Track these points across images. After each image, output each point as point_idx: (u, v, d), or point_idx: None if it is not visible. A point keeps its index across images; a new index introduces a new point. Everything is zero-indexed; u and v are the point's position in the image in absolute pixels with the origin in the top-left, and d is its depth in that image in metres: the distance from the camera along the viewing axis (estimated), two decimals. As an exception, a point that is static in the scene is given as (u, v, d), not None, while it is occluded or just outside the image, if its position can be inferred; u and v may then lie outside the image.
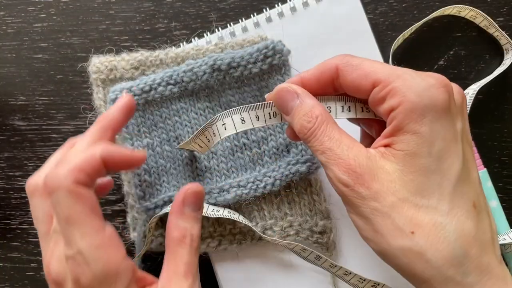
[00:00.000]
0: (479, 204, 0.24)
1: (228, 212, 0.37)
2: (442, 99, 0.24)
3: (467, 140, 0.26)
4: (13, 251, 0.42)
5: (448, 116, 0.24)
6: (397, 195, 0.24)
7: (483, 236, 0.23)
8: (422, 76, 0.25)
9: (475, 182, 0.25)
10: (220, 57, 0.36)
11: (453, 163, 0.24)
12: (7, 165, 0.42)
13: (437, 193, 0.23)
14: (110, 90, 0.37)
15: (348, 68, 0.27)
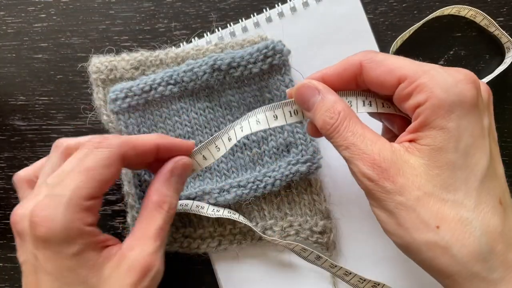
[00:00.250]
0: (505, 200, 0.24)
1: (228, 212, 0.37)
2: (470, 95, 0.24)
3: (493, 137, 0.26)
4: (13, 251, 0.42)
5: (475, 112, 0.24)
6: (422, 189, 0.24)
7: (509, 232, 0.23)
8: (450, 72, 0.25)
9: (501, 179, 0.25)
10: (220, 57, 0.36)
11: (480, 158, 0.24)
12: (7, 165, 0.42)
13: (464, 188, 0.23)
14: (110, 90, 0.37)
15: (372, 65, 0.27)
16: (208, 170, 0.38)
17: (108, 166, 0.28)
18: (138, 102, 0.37)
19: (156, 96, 0.37)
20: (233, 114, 0.38)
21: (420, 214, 0.23)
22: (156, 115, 0.38)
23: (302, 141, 0.37)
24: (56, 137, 0.42)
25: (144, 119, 0.38)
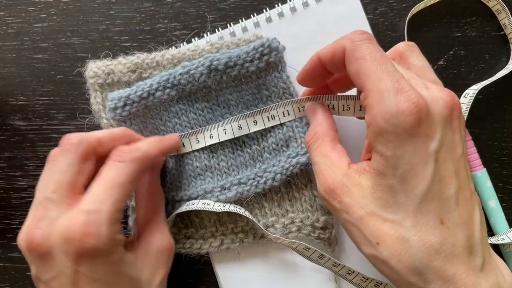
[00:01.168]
0: (450, 219, 0.25)
1: (234, 207, 0.37)
2: (408, 127, 0.25)
3: (452, 155, 0.26)
4: (13, 251, 0.42)
5: (414, 141, 0.25)
6: (365, 209, 0.26)
7: (451, 249, 0.25)
8: (399, 99, 0.25)
9: (447, 200, 0.25)
10: (216, 57, 0.36)
11: (417, 184, 0.25)
12: (7, 165, 0.42)
13: (401, 210, 0.25)
14: (108, 99, 0.37)
15: (350, 58, 0.28)
16: (209, 169, 0.38)
17: (134, 181, 0.31)
18: (138, 109, 0.37)
19: (155, 101, 0.37)
20: (231, 112, 0.38)
21: (363, 231, 0.26)
22: (157, 118, 0.38)
23: (301, 135, 0.37)
24: (57, 137, 0.42)
25: (146, 124, 0.38)
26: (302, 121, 0.37)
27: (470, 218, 0.26)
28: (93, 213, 0.28)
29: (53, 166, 0.31)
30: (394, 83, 0.26)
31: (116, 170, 0.30)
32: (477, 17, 0.41)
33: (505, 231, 0.39)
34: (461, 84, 0.41)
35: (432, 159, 0.25)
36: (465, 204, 0.26)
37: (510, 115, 0.41)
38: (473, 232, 0.26)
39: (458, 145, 0.26)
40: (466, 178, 0.27)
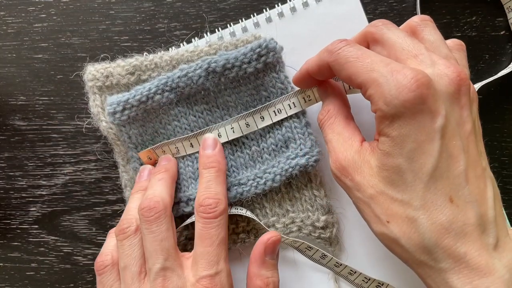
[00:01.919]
0: (459, 197, 0.25)
1: (235, 209, 0.37)
2: (410, 105, 0.25)
3: (460, 132, 0.26)
4: (13, 251, 0.42)
5: (419, 118, 0.25)
6: (375, 188, 0.27)
7: (462, 227, 0.24)
8: (398, 76, 0.25)
9: (455, 177, 0.25)
10: (214, 59, 0.36)
11: (425, 162, 0.25)
12: (7, 165, 0.42)
13: (410, 189, 0.25)
14: (107, 103, 0.37)
15: (336, 68, 0.29)
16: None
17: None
18: (137, 113, 0.37)
19: (154, 104, 0.37)
20: (230, 114, 0.38)
21: (374, 209, 0.27)
22: (156, 122, 0.38)
23: (301, 135, 0.37)
24: (56, 137, 0.42)
25: (145, 127, 0.38)
26: (301, 122, 0.37)
27: (482, 196, 0.25)
28: (216, 276, 0.31)
29: (153, 237, 0.31)
30: (385, 68, 0.26)
31: (217, 226, 0.32)
32: (477, 17, 0.41)
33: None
34: (461, 84, 0.41)
35: (438, 135, 0.25)
36: (476, 182, 0.25)
37: (510, 115, 0.41)
38: (486, 210, 0.25)
39: (467, 122, 0.26)
40: (476, 155, 0.26)
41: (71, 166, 0.42)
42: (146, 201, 0.32)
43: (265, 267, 0.32)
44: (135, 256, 0.32)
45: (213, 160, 0.35)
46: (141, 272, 0.32)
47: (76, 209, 0.42)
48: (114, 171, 0.42)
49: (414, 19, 0.30)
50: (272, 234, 0.33)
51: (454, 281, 0.24)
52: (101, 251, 0.34)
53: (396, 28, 0.29)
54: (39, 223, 0.42)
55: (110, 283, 0.33)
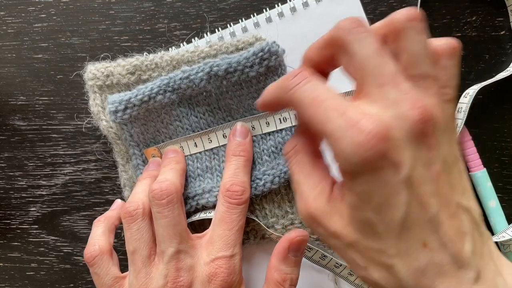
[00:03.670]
0: (433, 240, 0.24)
1: None
2: (367, 164, 0.23)
3: (429, 175, 0.24)
4: (13, 251, 0.43)
5: (381, 173, 0.23)
6: (350, 237, 0.25)
7: (438, 268, 0.24)
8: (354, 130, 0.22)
9: (427, 222, 0.24)
10: (216, 63, 0.36)
11: (394, 214, 0.24)
12: (7, 165, 0.42)
13: (383, 239, 0.24)
14: (108, 102, 0.37)
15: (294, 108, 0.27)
16: (209, 170, 0.38)
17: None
18: (139, 112, 0.37)
19: (156, 104, 0.37)
20: (233, 116, 0.38)
21: (351, 256, 0.26)
22: (158, 121, 0.38)
23: None
24: (56, 137, 0.42)
25: (147, 126, 0.38)
26: None
27: (457, 234, 0.25)
28: (232, 258, 0.32)
29: (167, 221, 0.32)
30: (340, 119, 0.23)
31: (239, 213, 0.33)
32: (477, 17, 0.41)
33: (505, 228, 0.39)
34: (461, 84, 0.41)
35: (404, 187, 0.23)
36: (450, 221, 0.24)
37: (510, 115, 0.41)
38: (462, 246, 0.24)
39: (436, 162, 0.24)
40: (449, 193, 0.25)
41: (71, 166, 0.42)
42: (157, 183, 0.32)
43: (286, 263, 0.32)
44: (144, 240, 0.32)
45: (244, 149, 0.36)
46: (151, 255, 0.32)
47: (76, 209, 0.42)
48: (114, 171, 0.42)
49: (399, 17, 0.25)
50: (300, 233, 0.33)
51: None
52: (88, 242, 0.34)
53: (367, 37, 0.24)
54: (39, 223, 0.42)
55: (105, 271, 0.33)
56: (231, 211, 0.33)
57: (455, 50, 0.27)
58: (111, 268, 0.33)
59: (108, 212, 0.37)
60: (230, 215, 0.33)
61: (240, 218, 0.33)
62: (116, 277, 0.33)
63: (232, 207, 0.33)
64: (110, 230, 0.35)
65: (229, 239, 0.32)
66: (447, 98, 0.26)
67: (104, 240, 0.34)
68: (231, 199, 0.33)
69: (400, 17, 0.25)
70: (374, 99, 0.24)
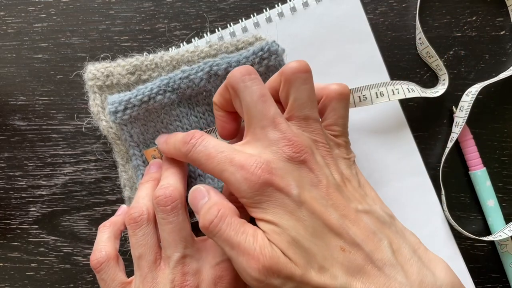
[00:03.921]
0: (347, 244, 0.26)
1: None
2: (261, 191, 0.26)
3: (319, 191, 0.27)
4: (13, 251, 0.42)
5: (275, 198, 0.26)
6: (300, 270, 0.26)
7: (361, 269, 0.26)
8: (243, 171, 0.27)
9: (334, 230, 0.26)
10: (216, 62, 0.36)
11: (304, 228, 0.26)
12: (7, 165, 0.42)
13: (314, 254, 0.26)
14: (108, 102, 0.37)
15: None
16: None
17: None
18: (138, 112, 0.37)
19: (155, 104, 0.37)
20: None
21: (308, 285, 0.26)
22: (158, 121, 0.38)
23: None
24: (56, 137, 0.42)
25: (147, 126, 0.38)
26: None
27: (366, 235, 0.27)
28: None
29: (172, 227, 0.32)
30: (231, 166, 0.27)
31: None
32: (477, 17, 0.41)
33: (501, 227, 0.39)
34: (461, 84, 0.41)
35: (299, 204, 0.26)
36: (354, 225, 0.27)
37: (510, 115, 0.41)
38: (375, 245, 0.27)
39: (321, 180, 0.27)
40: (344, 203, 0.27)
41: (71, 166, 0.42)
42: (161, 189, 0.32)
43: None
44: (150, 246, 0.32)
45: None
46: (156, 260, 0.32)
47: (76, 209, 0.42)
48: (114, 171, 0.42)
49: (288, 69, 0.29)
50: None
51: None
52: (94, 248, 0.34)
53: (253, 85, 0.28)
54: (39, 223, 0.42)
55: (111, 277, 0.33)
56: None
57: (343, 96, 0.32)
58: (117, 274, 0.33)
59: (113, 218, 0.37)
60: None
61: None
62: (123, 283, 0.33)
63: None
64: (116, 236, 0.35)
65: None
66: (336, 134, 0.31)
67: (110, 246, 0.34)
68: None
69: (289, 70, 0.29)
70: (258, 138, 0.28)
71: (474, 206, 0.41)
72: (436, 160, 0.41)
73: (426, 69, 0.41)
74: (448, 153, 0.40)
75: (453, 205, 0.41)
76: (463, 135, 0.40)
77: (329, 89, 0.32)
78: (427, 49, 0.39)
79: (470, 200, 0.41)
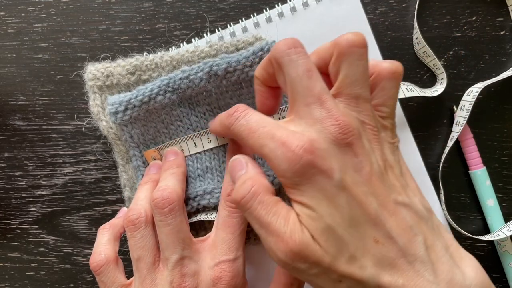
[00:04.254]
0: (381, 236, 0.26)
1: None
2: (301, 175, 0.25)
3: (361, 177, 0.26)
4: (13, 251, 0.43)
5: (316, 180, 0.25)
6: (328, 258, 0.26)
7: (391, 262, 0.25)
8: (284, 148, 0.26)
9: (371, 220, 0.26)
10: (216, 62, 0.36)
11: (341, 215, 0.25)
12: (7, 165, 0.42)
13: (347, 242, 0.26)
14: (108, 103, 0.37)
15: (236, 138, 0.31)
16: (209, 170, 0.38)
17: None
18: (139, 113, 0.37)
19: (156, 105, 0.37)
20: None
21: (330, 276, 0.26)
22: (158, 122, 0.38)
23: None
24: (56, 137, 0.42)
25: (147, 127, 0.38)
26: None
27: (402, 229, 0.26)
28: (235, 262, 0.32)
29: (170, 229, 0.32)
30: (273, 142, 0.26)
31: (241, 216, 0.33)
32: (477, 17, 0.41)
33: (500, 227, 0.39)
34: (461, 84, 0.41)
35: (340, 189, 0.25)
36: (392, 217, 0.26)
37: (510, 115, 0.41)
38: (409, 239, 0.26)
39: (365, 166, 0.26)
40: (385, 192, 0.26)
41: (71, 166, 0.42)
42: (159, 192, 0.32)
43: None
44: (148, 248, 0.33)
45: None
46: (155, 261, 0.33)
47: (76, 209, 0.42)
48: (114, 171, 0.42)
49: (342, 42, 0.27)
50: None
51: None
52: (94, 250, 0.34)
53: (299, 59, 0.27)
54: (39, 223, 0.42)
55: (111, 280, 0.33)
56: (233, 215, 0.33)
57: (395, 75, 0.29)
58: (117, 276, 0.33)
59: (113, 220, 0.37)
60: (232, 219, 0.33)
61: (242, 221, 0.33)
62: (122, 285, 0.33)
63: (234, 211, 0.33)
64: (116, 238, 0.36)
65: (232, 242, 0.33)
66: (383, 116, 0.29)
67: (109, 248, 0.34)
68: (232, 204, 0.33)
69: (345, 42, 0.27)
70: (302, 116, 0.27)
71: (474, 206, 0.41)
72: (436, 160, 0.41)
73: (426, 69, 0.41)
74: (448, 153, 0.40)
75: (453, 205, 0.41)
76: (463, 135, 0.40)
77: (381, 66, 0.29)
78: (424, 48, 0.39)
79: (470, 200, 0.41)
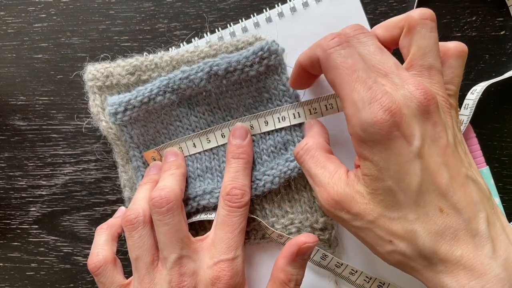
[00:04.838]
0: (447, 206, 0.26)
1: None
2: (384, 134, 0.26)
3: (436, 148, 0.27)
4: (13, 251, 0.43)
5: (396, 143, 0.26)
6: (373, 214, 0.27)
7: (454, 233, 0.26)
8: (375, 104, 0.26)
9: (441, 190, 0.26)
10: (216, 62, 0.36)
11: (410, 181, 0.26)
12: (7, 165, 0.42)
13: (403, 206, 0.27)
14: (108, 103, 0.37)
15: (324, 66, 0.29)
16: (209, 170, 0.38)
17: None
18: (138, 114, 0.37)
19: (155, 105, 0.37)
20: (232, 115, 0.38)
21: (376, 232, 0.28)
22: (158, 122, 0.38)
23: (300, 138, 0.37)
24: (56, 137, 0.42)
25: (147, 127, 0.38)
26: (300, 125, 0.37)
27: (468, 202, 0.27)
28: (234, 261, 0.33)
29: (168, 229, 0.32)
30: (366, 92, 0.26)
31: (240, 216, 0.34)
32: (477, 17, 0.41)
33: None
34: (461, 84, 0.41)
35: (417, 156, 0.26)
36: (460, 190, 0.27)
37: (510, 115, 0.41)
38: (474, 213, 0.26)
39: (441, 137, 0.27)
40: (456, 164, 0.27)
41: (71, 166, 0.42)
42: (157, 191, 0.33)
43: (293, 265, 0.33)
44: (146, 248, 0.33)
45: (243, 152, 0.36)
46: (154, 261, 0.33)
47: (76, 209, 0.42)
48: (114, 171, 0.42)
49: (414, 15, 0.29)
50: (309, 238, 0.33)
51: (452, 284, 0.26)
52: (91, 251, 0.34)
53: (368, 39, 0.29)
54: (39, 223, 0.42)
55: (110, 280, 0.33)
56: (232, 214, 0.33)
57: (462, 53, 0.31)
58: (115, 277, 0.33)
59: (111, 220, 0.37)
60: (231, 218, 0.33)
61: (241, 221, 0.34)
62: (121, 285, 0.34)
63: (233, 211, 0.33)
64: (113, 238, 0.36)
65: (231, 242, 0.33)
66: (449, 94, 0.30)
67: (107, 249, 0.34)
68: (231, 203, 0.34)
69: (417, 15, 0.29)
70: (384, 83, 0.27)
71: (474, 206, 0.41)
72: (436, 160, 0.41)
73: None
74: (448, 153, 0.40)
75: (453, 205, 0.41)
76: (466, 134, 0.40)
77: (447, 46, 0.31)
78: None
79: (470, 200, 0.41)
